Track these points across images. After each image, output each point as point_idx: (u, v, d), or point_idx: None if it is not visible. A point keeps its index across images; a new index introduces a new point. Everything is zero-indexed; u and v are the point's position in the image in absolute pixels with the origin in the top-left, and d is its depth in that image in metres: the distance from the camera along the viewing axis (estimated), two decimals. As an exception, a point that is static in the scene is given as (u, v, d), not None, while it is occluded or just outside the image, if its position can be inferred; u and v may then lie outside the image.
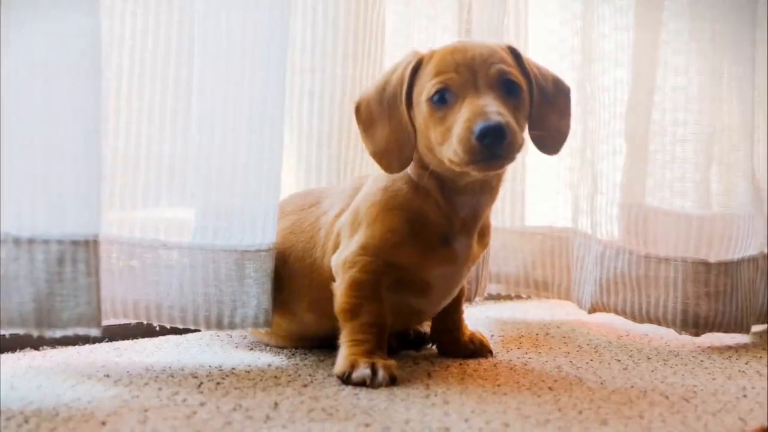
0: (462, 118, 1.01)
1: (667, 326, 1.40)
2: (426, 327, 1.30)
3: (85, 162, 0.99)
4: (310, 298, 1.16)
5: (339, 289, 1.11)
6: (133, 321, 1.16)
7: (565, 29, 1.58)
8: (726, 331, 1.40)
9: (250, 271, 1.14)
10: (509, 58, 1.08)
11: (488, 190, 1.12)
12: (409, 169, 1.11)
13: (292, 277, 1.17)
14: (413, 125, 1.08)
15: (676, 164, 1.44)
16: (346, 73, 1.36)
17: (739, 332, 1.41)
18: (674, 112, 1.45)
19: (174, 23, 1.16)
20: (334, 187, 1.26)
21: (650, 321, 1.41)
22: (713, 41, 1.43)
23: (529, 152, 1.63)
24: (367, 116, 1.11)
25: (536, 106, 1.10)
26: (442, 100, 1.04)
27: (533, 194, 1.65)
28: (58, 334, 0.98)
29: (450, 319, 1.24)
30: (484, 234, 1.17)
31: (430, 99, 1.05)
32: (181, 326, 1.16)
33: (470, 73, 1.04)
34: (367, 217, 1.11)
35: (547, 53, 1.61)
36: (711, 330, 1.39)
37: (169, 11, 1.16)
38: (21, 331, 0.98)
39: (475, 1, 1.48)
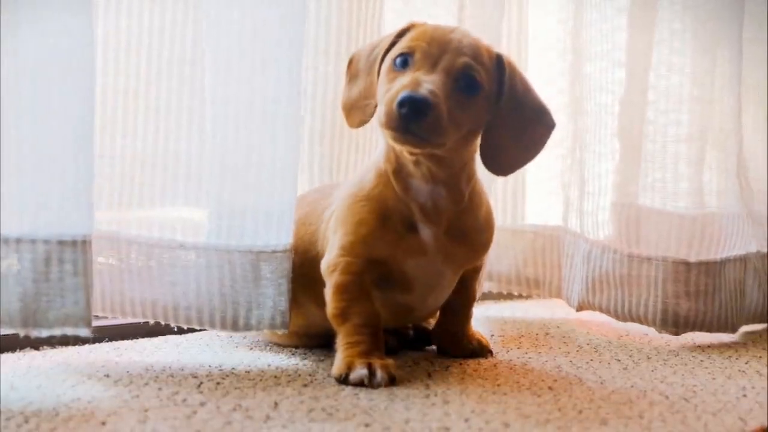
0: (399, 83, 1.02)
1: (648, 325, 1.41)
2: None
3: (74, 163, 0.99)
4: (315, 290, 1.16)
5: (327, 294, 1.11)
6: (152, 321, 1.16)
7: (560, 28, 1.58)
8: (709, 331, 1.40)
9: (265, 273, 1.14)
10: (487, 61, 1.08)
11: (442, 183, 1.10)
12: (382, 156, 1.12)
13: (300, 268, 1.17)
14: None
15: (657, 163, 1.45)
16: (338, 71, 1.35)
17: (724, 332, 1.41)
18: (662, 112, 1.44)
19: (189, 22, 1.16)
20: (343, 183, 1.26)
21: (632, 320, 1.42)
22: (705, 41, 1.43)
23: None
24: (354, 69, 1.15)
25: (501, 119, 1.09)
26: (404, 64, 1.05)
27: (528, 193, 1.65)
28: (45, 333, 0.98)
29: (455, 320, 1.23)
30: (466, 236, 1.13)
31: (393, 60, 1.06)
32: (197, 327, 1.16)
33: (438, 50, 1.05)
34: (341, 213, 1.12)
35: (545, 51, 1.61)
36: (692, 329, 1.39)
37: (185, 10, 1.16)
38: (7, 331, 0.98)
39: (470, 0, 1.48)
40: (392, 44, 1.10)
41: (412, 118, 0.99)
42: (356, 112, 1.13)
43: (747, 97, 1.57)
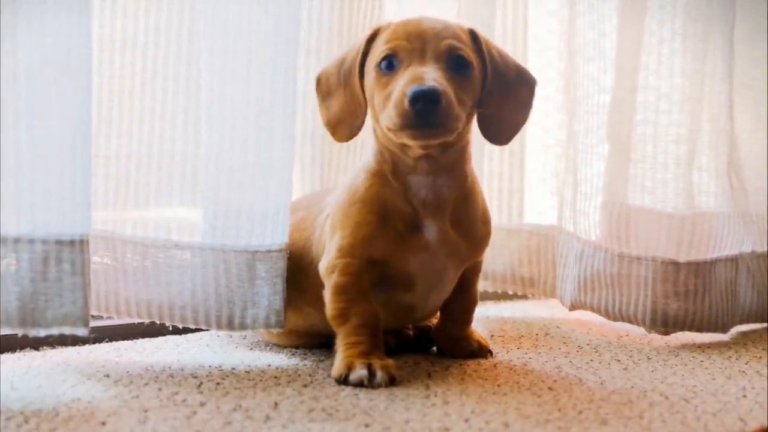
0: (400, 83, 1.02)
1: (638, 325, 1.41)
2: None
3: (72, 162, 0.99)
4: (311, 294, 1.16)
5: (326, 295, 1.11)
6: (147, 320, 1.17)
7: (561, 29, 1.58)
8: (699, 331, 1.40)
9: (260, 272, 1.15)
10: (465, 37, 1.09)
11: (444, 170, 1.10)
12: (372, 158, 1.12)
13: (296, 272, 1.18)
14: (365, 96, 1.10)
15: (647, 163, 1.45)
16: None
17: (714, 332, 1.41)
18: (652, 112, 1.44)
19: (184, 22, 1.17)
20: (335, 187, 1.26)
21: (623, 319, 1.42)
22: (696, 41, 1.43)
23: (528, 152, 1.64)
24: (325, 87, 1.14)
25: (490, 90, 1.10)
26: (390, 66, 1.05)
27: (526, 192, 1.65)
28: (43, 333, 0.98)
29: (456, 323, 1.23)
30: (467, 228, 1.13)
31: (378, 65, 1.06)
32: (193, 326, 1.17)
33: (420, 42, 1.05)
34: (337, 217, 1.12)
35: (544, 52, 1.61)
36: (681, 329, 1.39)
37: (181, 9, 1.17)
38: (6, 330, 0.99)
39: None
40: (365, 51, 1.10)
41: (427, 111, 0.99)
42: (342, 127, 1.12)
43: (742, 97, 1.57)
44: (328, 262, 1.11)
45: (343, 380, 1.05)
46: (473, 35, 1.11)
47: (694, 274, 1.39)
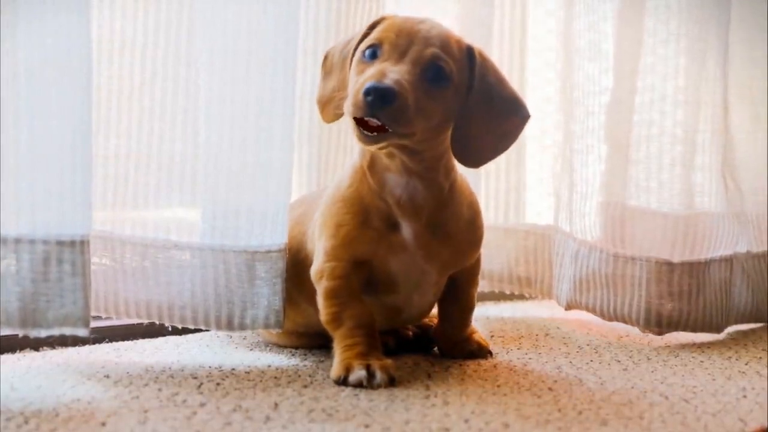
0: (366, 74, 1.02)
1: (632, 325, 1.41)
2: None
3: (73, 163, 0.99)
4: (308, 290, 1.16)
5: (319, 301, 1.11)
6: (146, 321, 1.17)
7: (560, 30, 1.58)
8: (693, 331, 1.41)
9: (260, 272, 1.15)
10: (457, 52, 1.07)
11: (416, 175, 1.09)
12: (359, 153, 1.12)
13: (293, 268, 1.18)
14: None
15: (643, 164, 1.45)
16: None
17: (708, 332, 1.42)
18: (649, 113, 1.44)
19: (183, 22, 1.16)
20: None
21: (617, 319, 1.42)
22: (693, 43, 1.43)
23: (527, 153, 1.64)
24: (329, 65, 1.15)
25: (472, 110, 1.08)
26: (373, 55, 1.05)
27: (528, 192, 1.65)
28: (44, 333, 0.98)
29: (454, 327, 1.23)
30: (449, 235, 1.12)
31: (363, 51, 1.06)
32: (192, 326, 1.17)
33: (406, 41, 1.05)
34: (323, 215, 1.13)
35: (544, 52, 1.61)
36: (675, 329, 1.40)
37: (179, 10, 1.16)
38: (7, 331, 0.99)
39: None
40: (364, 37, 1.09)
41: (377, 107, 0.98)
42: (330, 106, 1.13)
43: (741, 97, 1.57)
44: (317, 267, 1.12)
45: (342, 382, 1.04)
46: (469, 52, 1.09)
47: (688, 275, 1.40)
